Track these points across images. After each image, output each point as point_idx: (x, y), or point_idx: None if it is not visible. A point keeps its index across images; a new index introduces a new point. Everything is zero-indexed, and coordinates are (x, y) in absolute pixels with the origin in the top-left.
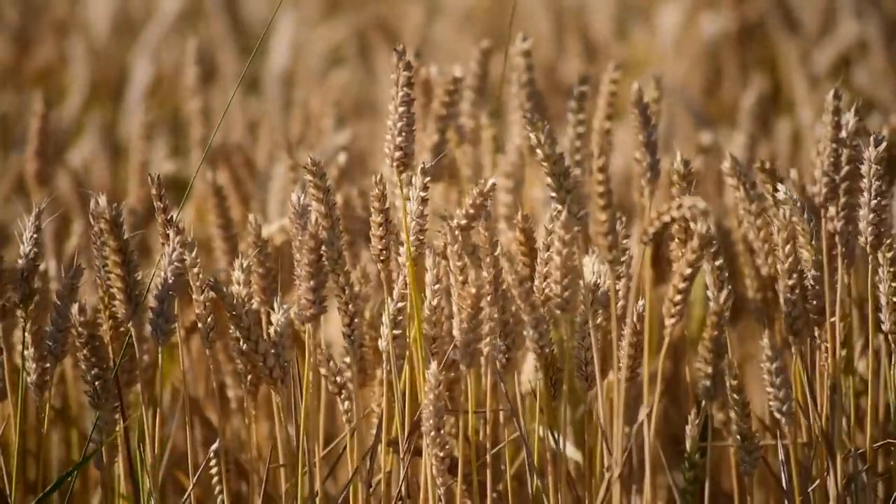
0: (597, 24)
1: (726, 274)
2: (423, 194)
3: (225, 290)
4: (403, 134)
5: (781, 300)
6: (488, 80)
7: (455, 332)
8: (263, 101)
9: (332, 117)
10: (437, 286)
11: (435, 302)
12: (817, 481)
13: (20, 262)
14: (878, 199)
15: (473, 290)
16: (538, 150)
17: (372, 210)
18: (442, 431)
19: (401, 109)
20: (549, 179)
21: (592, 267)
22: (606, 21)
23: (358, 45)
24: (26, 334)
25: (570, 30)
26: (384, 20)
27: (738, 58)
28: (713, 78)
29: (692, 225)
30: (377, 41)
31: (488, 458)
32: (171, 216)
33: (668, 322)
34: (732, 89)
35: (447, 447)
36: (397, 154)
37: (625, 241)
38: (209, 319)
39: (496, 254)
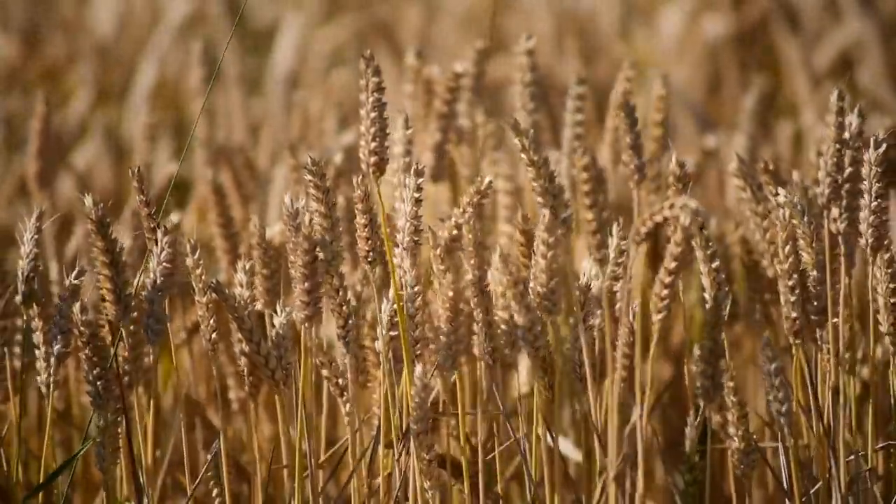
0: (599, 25)
1: (723, 276)
2: (416, 195)
3: (227, 291)
4: (377, 139)
5: (782, 301)
6: (484, 80)
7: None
8: (266, 103)
9: (333, 118)
10: (416, 287)
11: (416, 302)
12: (819, 483)
13: (21, 262)
14: (878, 200)
15: (451, 294)
16: (522, 155)
17: (356, 212)
18: (429, 434)
19: (372, 115)
20: (534, 184)
21: (589, 268)
22: (609, 22)
23: (360, 46)
24: (37, 333)
25: (572, 31)
26: (385, 21)
27: (739, 59)
28: (714, 79)
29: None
30: (379, 42)
31: (480, 462)
32: (153, 211)
33: (656, 318)
34: (733, 91)
35: (433, 450)
36: (373, 159)
37: (623, 242)
38: (212, 321)
39: (484, 254)
